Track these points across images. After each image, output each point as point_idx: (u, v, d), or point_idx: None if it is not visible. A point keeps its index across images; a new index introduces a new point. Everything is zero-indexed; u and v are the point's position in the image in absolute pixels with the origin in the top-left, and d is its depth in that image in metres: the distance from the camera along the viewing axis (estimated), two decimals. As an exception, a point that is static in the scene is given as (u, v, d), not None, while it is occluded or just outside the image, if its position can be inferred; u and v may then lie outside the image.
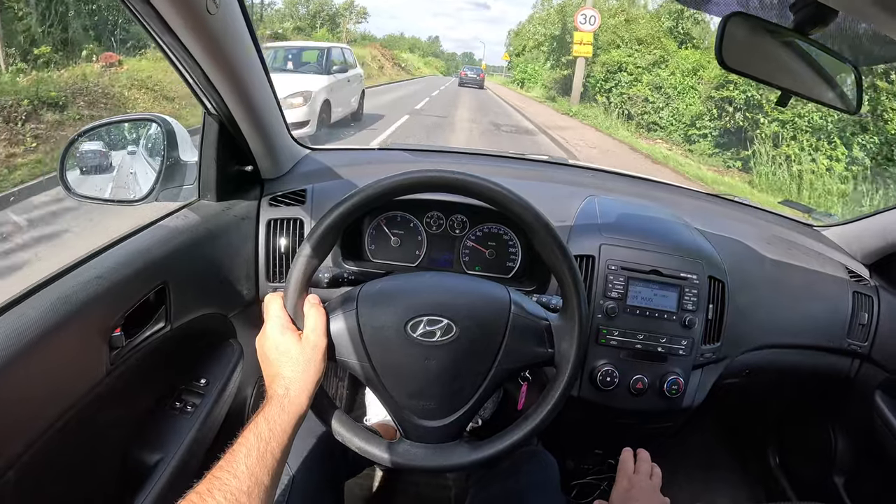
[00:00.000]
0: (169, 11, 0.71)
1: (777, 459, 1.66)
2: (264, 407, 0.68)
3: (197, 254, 1.03)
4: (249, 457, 0.61)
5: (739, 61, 0.75)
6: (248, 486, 0.59)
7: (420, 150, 1.55)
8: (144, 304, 0.89)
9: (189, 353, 1.04)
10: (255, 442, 0.63)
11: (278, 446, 0.65)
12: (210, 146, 1.06)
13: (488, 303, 0.80)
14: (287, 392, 0.69)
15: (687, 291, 1.09)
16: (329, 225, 0.76)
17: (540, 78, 26.14)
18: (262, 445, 0.63)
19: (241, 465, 0.60)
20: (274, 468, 0.63)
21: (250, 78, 0.96)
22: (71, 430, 0.75)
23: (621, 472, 0.97)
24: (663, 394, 1.09)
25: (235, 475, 0.59)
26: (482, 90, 29.83)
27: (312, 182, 1.22)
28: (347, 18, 40.30)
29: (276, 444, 0.64)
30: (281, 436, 0.65)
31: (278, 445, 0.65)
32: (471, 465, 0.79)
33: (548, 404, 0.80)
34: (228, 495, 0.57)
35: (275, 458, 0.63)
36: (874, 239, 1.37)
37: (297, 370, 0.71)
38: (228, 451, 0.62)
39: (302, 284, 0.76)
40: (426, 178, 0.77)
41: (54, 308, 0.73)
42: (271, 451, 0.63)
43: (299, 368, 0.71)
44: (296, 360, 0.72)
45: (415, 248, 1.20)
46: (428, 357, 0.76)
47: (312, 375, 0.72)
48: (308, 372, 0.72)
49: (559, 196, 1.29)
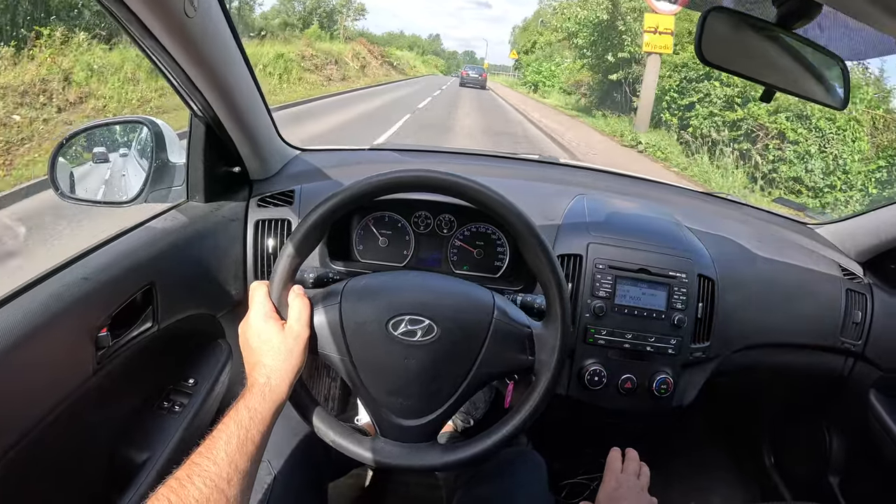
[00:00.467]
0: (147, 15, 0.72)
1: (772, 459, 1.65)
2: (245, 394, 0.68)
3: (185, 254, 1.03)
4: (230, 444, 0.62)
5: (721, 56, 0.75)
6: (227, 472, 0.59)
7: (411, 150, 1.55)
8: (131, 305, 0.89)
9: (177, 353, 1.05)
10: (235, 429, 0.63)
11: (258, 434, 0.65)
12: (197, 148, 1.07)
13: (472, 306, 0.81)
14: (268, 380, 0.70)
15: (676, 290, 1.09)
16: (313, 223, 0.77)
17: (557, 80, 23.06)
18: (243, 433, 0.63)
19: (221, 452, 0.61)
20: (253, 455, 0.63)
21: (234, 80, 0.96)
22: (57, 428, 0.75)
23: (608, 472, 0.96)
24: (652, 393, 1.09)
25: (215, 462, 0.60)
26: (484, 90, 28.34)
27: (301, 183, 1.22)
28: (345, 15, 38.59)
29: (256, 431, 0.65)
30: (261, 423, 0.66)
31: (258, 433, 0.65)
32: (443, 466, 0.79)
33: (523, 413, 0.80)
34: (208, 481, 0.58)
35: (254, 445, 0.64)
36: (868, 237, 1.36)
37: (278, 359, 0.72)
38: (208, 438, 0.63)
39: (287, 276, 0.77)
40: (411, 178, 0.77)
41: (41, 308, 0.74)
42: (251, 439, 0.64)
43: (281, 357, 0.72)
44: (277, 349, 0.72)
45: (403, 248, 1.20)
46: (408, 356, 0.76)
47: (294, 365, 0.72)
48: (289, 361, 0.72)
49: (549, 195, 1.29)
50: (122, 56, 8.68)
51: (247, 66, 1.00)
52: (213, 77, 0.91)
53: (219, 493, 0.57)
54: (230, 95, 0.97)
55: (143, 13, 0.71)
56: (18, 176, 5.21)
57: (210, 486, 0.57)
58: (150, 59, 0.87)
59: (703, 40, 0.72)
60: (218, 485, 0.58)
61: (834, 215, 1.58)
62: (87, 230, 3.81)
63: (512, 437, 0.80)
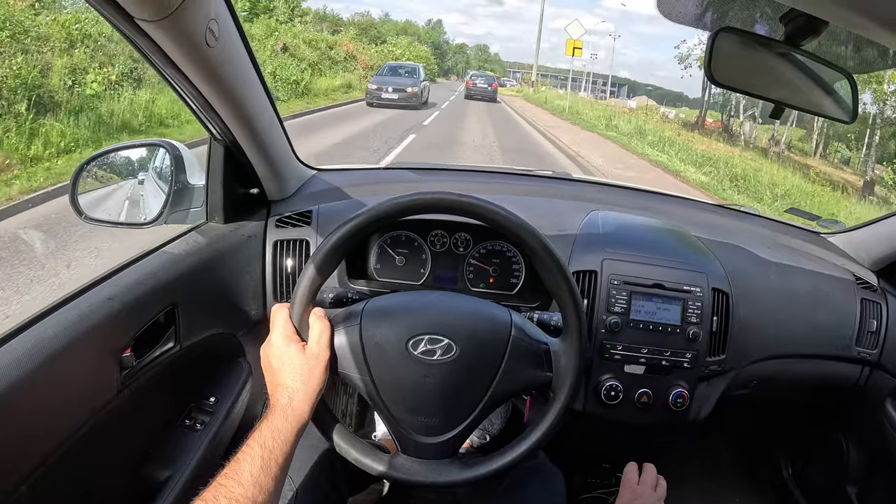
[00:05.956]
0: (170, 46, 0.74)
1: (790, 470, 1.64)
2: (268, 416, 0.70)
3: (205, 275, 1.05)
4: (254, 465, 0.64)
5: (730, 77, 0.76)
6: (252, 493, 0.61)
7: (426, 170, 1.57)
8: (154, 325, 0.91)
9: (198, 373, 1.06)
10: (259, 451, 0.65)
11: (282, 454, 0.67)
12: (216, 170, 1.09)
13: (489, 324, 0.82)
14: (290, 401, 0.72)
15: (690, 304, 1.09)
16: (333, 245, 0.79)
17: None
18: (266, 454, 0.65)
19: (246, 473, 0.62)
20: (277, 475, 0.65)
21: (252, 104, 0.98)
22: (82, 447, 0.77)
23: (624, 486, 0.97)
24: (669, 407, 1.09)
25: (240, 482, 0.62)
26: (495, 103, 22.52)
27: (318, 203, 1.24)
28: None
29: (280, 452, 0.67)
30: (284, 444, 0.68)
31: (282, 454, 0.67)
32: (463, 482, 0.80)
33: (541, 429, 0.82)
34: (234, 502, 0.59)
35: (278, 466, 0.65)
36: (881, 245, 1.36)
37: (299, 380, 0.73)
38: (233, 460, 0.65)
39: (307, 298, 0.79)
40: (431, 200, 0.80)
41: (68, 329, 0.76)
42: (275, 459, 0.65)
43: (302, 378, 0.74)
44: (299, 371, 0.74)
45: (419, 267, 1.22)
46: (427, 375, 0.78)
47: (315, 386, 0.74)
48: (311, 382, 0.74)
49: (563, 212, 1.30)
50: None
51: (264, 88, 1.03)
52: (231, 102, 0.93)
53: None
54: (248, 119, 0.99)
55: (167, 45, 0.74)
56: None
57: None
58: (170, 86, 0.89)
59: (712, 61, 0.73)
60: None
61: (847, 224, 1.57)
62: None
63: (530, 454, 0.81)
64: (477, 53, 74.75)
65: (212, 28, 0.76)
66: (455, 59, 65.07)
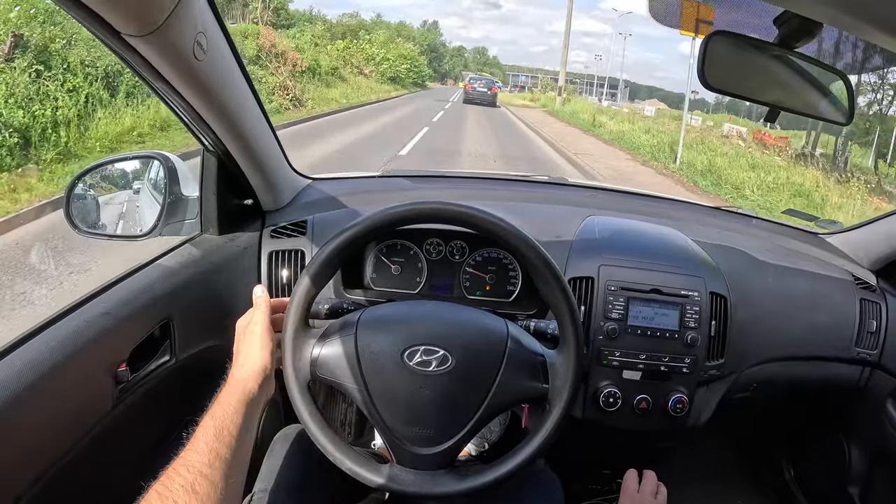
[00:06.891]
0: (158, 61, 0.73)
1: (791, 472, 1.63)
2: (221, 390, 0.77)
3: (200, 288, 1.05)
4: (206, 434, 0.68)
5: (723, 80, 0.75)
6: (208, 458, 0.65)
7: (421, 177, 1.57)
8: (150, 339, 0.91)
9: (194, 385, 1.05)
10: (210, 422, 0.70)
11: (233, 423, 0.71)
12: (210, 182, 1.08)
13: (485, 335, 0.82)
14: (233, 375, 0.79)
15: (688, 309, 1.09)
16: (328, 255, 0.79)
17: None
18: (217, 423, 0.70)
19: (201, 443, 0.67)
20: (232, 443, 0.69)
21: (244, 115, 0.98)
22: (79, 461, 0.77)
23: (624, 493, 0.96)
24: (668, 413, 1.08)
25: (196, 451, 0.66)
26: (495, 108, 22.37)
27: (313, 212, 1.23)
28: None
29: (230, 420, 0.71)
30: (234, 414, 0.72)
31: (232, 422, 0.71)
32: (458, 493, 0.80)
33: (538, 439, 0.81)
34: (191, 468, 0.64)
35: (231, 434, 0.70)
36: (879, 244, 1.36)
37: (249, 359, 0.80)
38: (192, 436, 0.70)
39: (303, 309, 0.80)
40: (427, 211, 0.80)
41: (64, 344, 0.76)
42: (227, 427, 0.70)
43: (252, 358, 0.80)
44: (251, 349, 0.81)
45: (415, 276, 1.21)
46: (423, 386, 0.77)
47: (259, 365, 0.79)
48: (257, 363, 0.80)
49: (559, 217, 1.29)
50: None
51: (255, 98, 1.02)
52: (222, 114, 0.93)
53: (202, 478, 0.63)
54: (240, 130, 0.99)
55: (155, 59, 0.73)
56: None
57: (193, 472, 0.63)
58: (160, 99, 0.89)
59: (705, 65, 0.73)
60: (201, 470, 0.64)
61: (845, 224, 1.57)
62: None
63: (527, 464, 0.81)
64: (475, 56, 73.70)
65: (200, 41, 0.76)
66: (452, 62, 63.82)
